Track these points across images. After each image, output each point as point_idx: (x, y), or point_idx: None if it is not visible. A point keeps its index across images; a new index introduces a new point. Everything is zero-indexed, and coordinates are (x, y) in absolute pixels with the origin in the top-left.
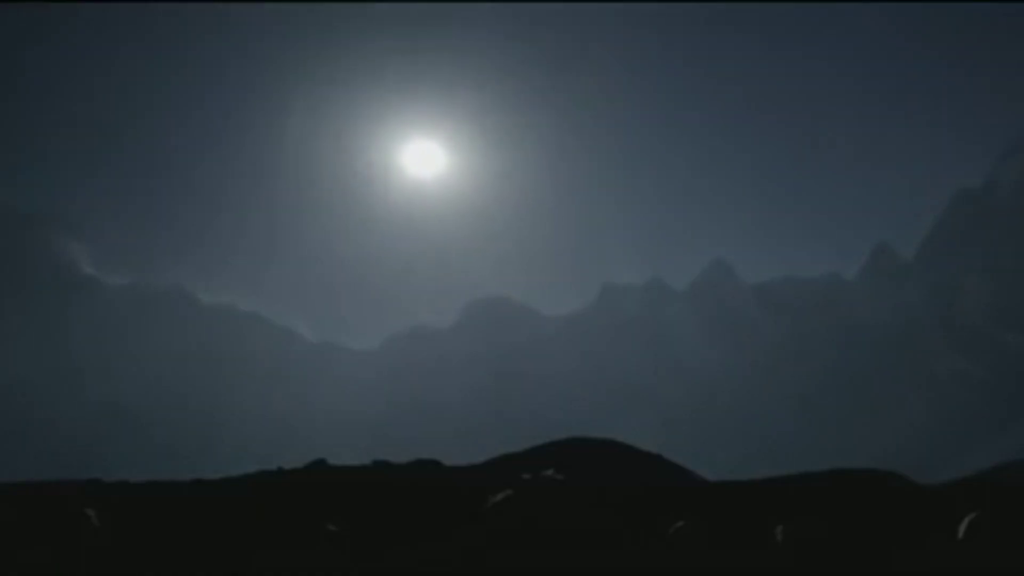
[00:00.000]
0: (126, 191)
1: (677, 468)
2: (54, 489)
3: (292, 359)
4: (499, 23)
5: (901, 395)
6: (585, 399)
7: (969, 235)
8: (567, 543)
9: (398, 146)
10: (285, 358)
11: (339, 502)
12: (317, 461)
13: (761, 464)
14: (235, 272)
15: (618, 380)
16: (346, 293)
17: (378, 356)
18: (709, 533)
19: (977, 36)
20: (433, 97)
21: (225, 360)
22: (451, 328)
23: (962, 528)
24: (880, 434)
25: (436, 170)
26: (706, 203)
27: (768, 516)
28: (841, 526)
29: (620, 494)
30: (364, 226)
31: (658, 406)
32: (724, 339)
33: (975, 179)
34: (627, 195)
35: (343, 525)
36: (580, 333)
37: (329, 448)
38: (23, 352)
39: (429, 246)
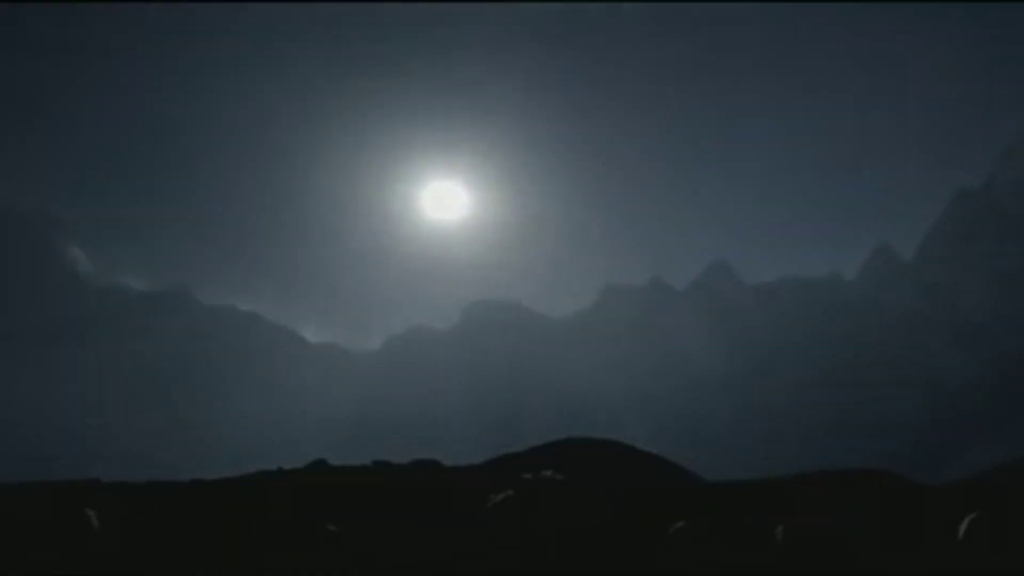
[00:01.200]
0: (127, 191)
1: (677, 468)
2: (54, 489)
3: (292, 359)
4: (487, 32)
5: (901, 395)
6: (585, 399)
7: (969, 235)
8: (567, 543)
9: (415, 184)
10: (285, 358)
11: (339, 502)
12: (317, 461)
13: (761, 464)
14: (235, 272)
15: (618, 380)
16: (347, 293)
17: (379, 357)
18: (709, 533)
19: (977, 36)
20: (445, 122)
21: (225, 360)
22: (452, 329)
23: (962, 528)
24: (880, 434)
25: (448, 195)
26: (706, 203)
27: (768, 516)
28: (840, 526)
29: (620, 494)
30: (365, 228)
31: (658, 406)
32: (724, 339)
33: (975, 179)
34: (627, 195)
35: (343, 525)
36: (581, 334)
37: (329, 448)
38: (22, 351)
39: (431, 250)
